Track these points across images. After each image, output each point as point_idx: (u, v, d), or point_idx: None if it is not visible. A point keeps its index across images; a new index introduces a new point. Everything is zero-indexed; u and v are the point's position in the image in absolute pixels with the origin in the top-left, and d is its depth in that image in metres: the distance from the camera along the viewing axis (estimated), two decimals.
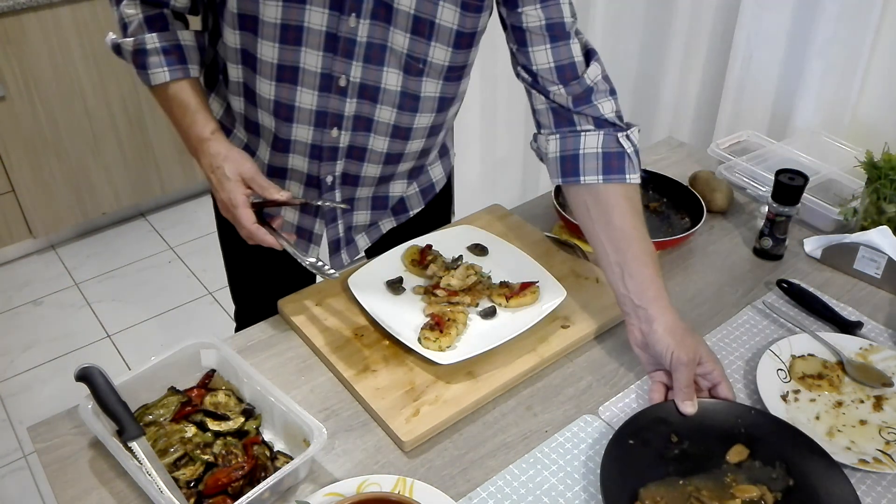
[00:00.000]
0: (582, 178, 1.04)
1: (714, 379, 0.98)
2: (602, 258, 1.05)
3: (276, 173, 1.18)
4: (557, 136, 1.06)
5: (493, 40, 1.19)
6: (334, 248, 1.26)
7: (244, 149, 1.11)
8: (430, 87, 1.09)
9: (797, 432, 0.93)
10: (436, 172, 1.32)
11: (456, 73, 1.10)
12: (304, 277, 1.25)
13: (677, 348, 0.96)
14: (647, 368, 1.03)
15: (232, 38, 1.04)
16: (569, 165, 1.05)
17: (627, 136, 1.05)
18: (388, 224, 1.32)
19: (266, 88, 1.06)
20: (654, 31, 2.22)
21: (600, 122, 1.05)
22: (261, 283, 1.34)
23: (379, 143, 1.14)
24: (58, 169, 2.73)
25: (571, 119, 1.05)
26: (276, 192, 1.02)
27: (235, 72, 1.08)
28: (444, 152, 1.33)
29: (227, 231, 1.30)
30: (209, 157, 1.03)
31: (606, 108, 1.05)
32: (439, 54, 1.05)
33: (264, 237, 1.01)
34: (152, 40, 1.03)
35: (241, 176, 1.01)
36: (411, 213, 1.33)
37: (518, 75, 1.09)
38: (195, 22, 1.13)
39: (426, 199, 1.33)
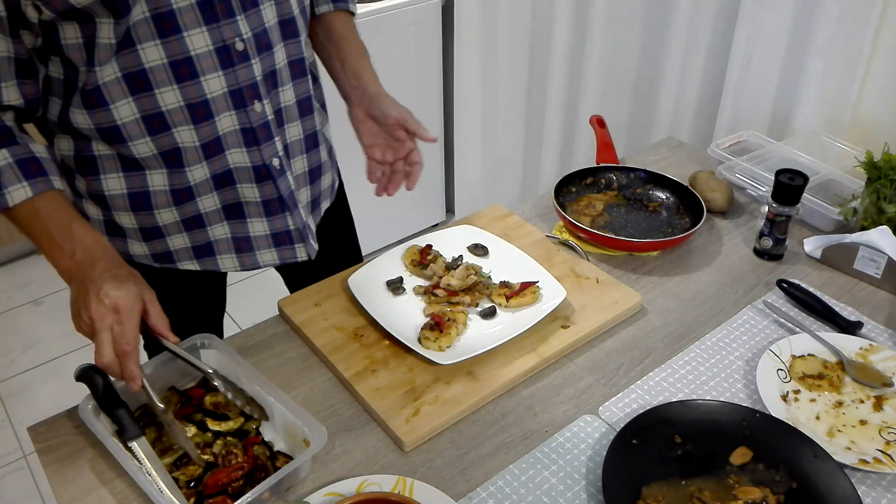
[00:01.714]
0: (317, 10, 1.20)
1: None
2: (329, 65, 1.21)
3: (223, 183, 1.07)
4: None
5: (493, 41, 1.19)
6: (303, 236, 1.17)
7: (181, 192, 1.05)
8: (294, 3, 1.06)
9: (801, 435, 0.93)
10: (328, 139, 1.28)
11: None
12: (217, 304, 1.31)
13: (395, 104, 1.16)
14: (365, 142, 1.18)
15: (110, 69, 0.93)
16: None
17: None
18: (325, 203, 1.27)
19: (171, 97, 0.96)
20: (654, 32, 2.22)
21: None
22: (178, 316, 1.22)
23: (288, 95, 1.09)
24: None
25: None
26: (169, 336, 0.93)
27: (128, 109, 0.96)
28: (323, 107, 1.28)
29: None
30: (98, 283, 0.90)
31: None
32: None
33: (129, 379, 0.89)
34: (2, 156, 0.90)
35: (142, 301, 0.91)
36: (335, 186, 1.30)
37: None
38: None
39: (336, 168, 1.31)
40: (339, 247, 1.36)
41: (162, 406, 0.92)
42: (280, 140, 1.09)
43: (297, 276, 1.32)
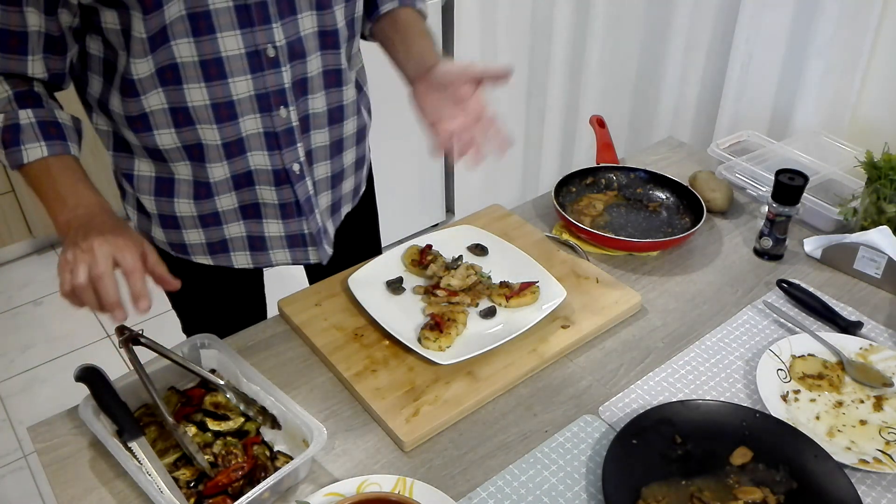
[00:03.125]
0: (381, 8, 1.17)
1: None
2: (392, 53, 1.16)
3: (242, 183, 1.08)
4: None
5: (493, 41, 1.19)
6: (318, 240, 1.18)
7: (201, 188, 1.06)
8: (339, 15, 1.05)
9: (801, 436, 0.93)
10: (362, 146, 1.27)
11: None
12: (255, 294, 1.32)
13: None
14: (430, 120, 1.07)
15: (145, 61, 0.94)
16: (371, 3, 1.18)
17: None
18: (346, 207, 1.27)
19: (198, 94, 0.98)
20: (654, 32, 2.22)
21: None
22: (210, 309, 1.28)
23: (318, 102, 1.09)
24: None
25: None
26: (170, 280, 0.91)
27: (157, 98, 0.98)
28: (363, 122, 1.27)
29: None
30: (87, 234, 0.86)
31: None
32: None
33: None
34: (26, 115, 0.93)
35: (141, 246, 0.89)
36: (361, 190, 1.29)
37: None
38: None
39: (367, 174, 1.31)
40: (360, 247, 1.36)
41: (173, 420, 0.92)
42: (303, 146, 1.09)
43: (318, 273, 1.32)
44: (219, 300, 1.26)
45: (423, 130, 1.08)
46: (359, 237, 1.37)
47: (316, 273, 1.34)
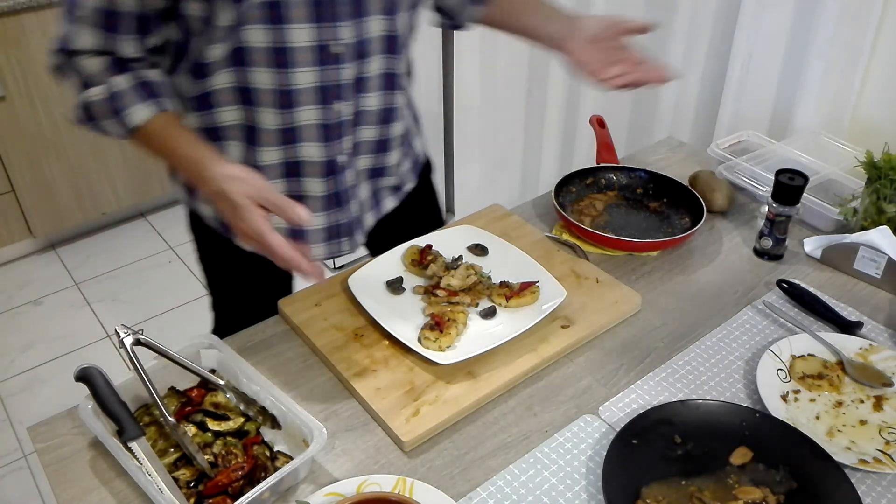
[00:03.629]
0: None
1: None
2: (521, 27, 1.22)
3: (291, 173, 1.12)
4: None
5: (493, 41, 1.19)
6: (352, 230, 1.21)
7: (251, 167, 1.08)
8: (404, 22, 1.09)
9: (801, 436, 0.93)
10: (417, 145, 1.32)
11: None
12: (286, 286, 1.30)
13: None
14: (589, 70, 1.13)
15: (220, 44, 1.00)
16: None
17: None
18: (389, 202, 1.29)
19: (264, 78, 1.02)
20: (654, 32, 2.22)
21: None
22: (244, 292, 1.31)
23: (372, 101, 1.12)
24: (58, 169, 2.73)
25: None
26: (294, 210, 0.93)
27: (224, 77, 1.03)
28: (417, 124, 1.33)
29: (205, 240, 1.26)
30: (210, 183, 0.95)
31: None
32: None
33: (308, 266, 0.92)
34: (124, 80, 0.98)
35: (250, 197, 0.93)
36: (406, 189, 1.31)
37: None
38: None
39: (416, 173, 1.33)
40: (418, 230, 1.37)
41: (173, 420, 0.92)
42: (351, 139, 1.13)
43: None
44: (252, 284, 1.29)
45: (584, 81, 1.15)
46: (420, 219, 1.40)
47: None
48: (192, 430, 0.95)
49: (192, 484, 0.90)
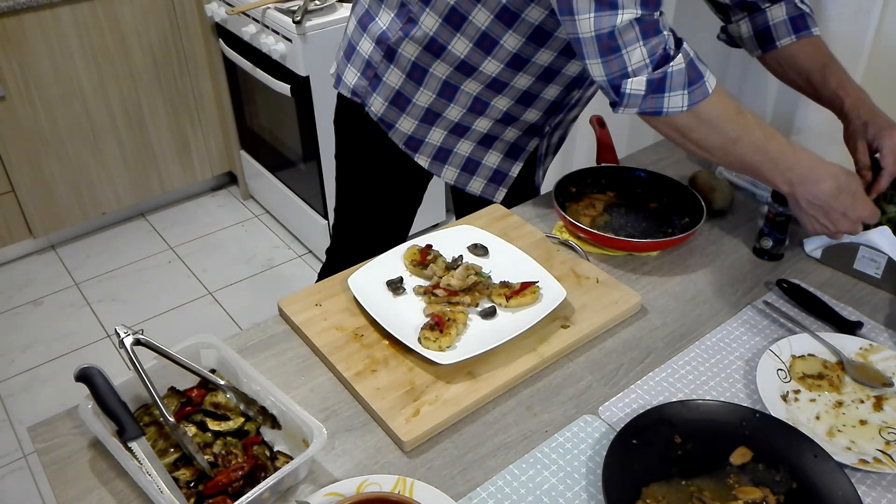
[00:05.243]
0: (778, 43, 1.28)
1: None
2: (817, 85, 1.28)
3: (507, 121, 1.32)
4: (747, 18, 1.31)
5: None
6: (505, 181, 1.43)
7: (477, 104, 1.28)
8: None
9: (801, 435, 0.93)
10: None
11: None
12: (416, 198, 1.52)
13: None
14: (853, 152, 1.23)
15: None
16: (764, 37, 1.30)
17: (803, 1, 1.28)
18: (539, 172, 1.56)
19: (545, 57, 1.19)
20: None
21: None
22: (372, 198, 1.48)
23: (571, 115, 1.42)
24: (58, 169, 2.73)
25: (755, 2, 1.29)
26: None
27: (514, 41, 1.17)
28: None
29: (347, 162, 1.46)
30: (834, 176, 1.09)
31: None
32: None
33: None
34: (686, 47, 1.06)
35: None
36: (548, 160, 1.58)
37: None
38: None
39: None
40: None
41: (173, 420, 0.92)
42: (562, 116, 1.38)
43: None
44: (390, 189, 1.46)
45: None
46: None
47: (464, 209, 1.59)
48: (192, 430, 0.95)
49: (192, 484, 0.90)
